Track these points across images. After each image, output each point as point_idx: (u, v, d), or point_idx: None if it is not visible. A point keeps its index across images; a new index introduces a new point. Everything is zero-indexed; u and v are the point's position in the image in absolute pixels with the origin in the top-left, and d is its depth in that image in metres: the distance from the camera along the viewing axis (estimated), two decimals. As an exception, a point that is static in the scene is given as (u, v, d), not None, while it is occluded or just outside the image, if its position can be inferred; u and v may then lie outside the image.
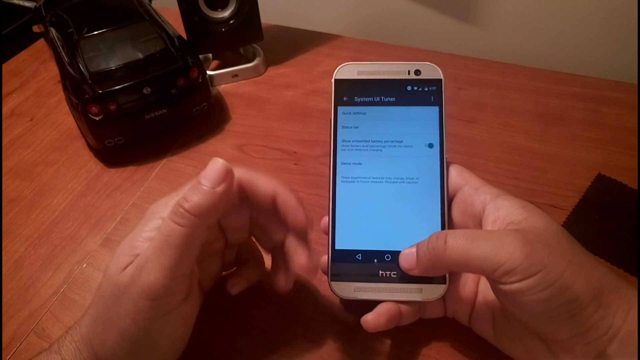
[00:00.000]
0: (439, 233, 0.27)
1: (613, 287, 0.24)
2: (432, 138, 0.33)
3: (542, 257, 0.24)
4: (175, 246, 0.25)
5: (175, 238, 0.25)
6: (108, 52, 0.47)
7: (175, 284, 0.26)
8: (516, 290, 0.24)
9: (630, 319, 0.24)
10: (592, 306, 0.24)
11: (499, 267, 0.24)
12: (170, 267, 0.25)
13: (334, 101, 0.34)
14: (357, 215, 0.32)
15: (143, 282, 0.25)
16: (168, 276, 0.25)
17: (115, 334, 0.26)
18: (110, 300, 0.26)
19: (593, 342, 0.24)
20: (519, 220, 0.27)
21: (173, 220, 0.26)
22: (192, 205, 0.26)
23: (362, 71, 0.34)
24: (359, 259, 0.31)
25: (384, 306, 0.30)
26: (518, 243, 0.24)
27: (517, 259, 0.24)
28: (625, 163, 0.43)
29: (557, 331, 0.25)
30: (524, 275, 0.24)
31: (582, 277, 0.24)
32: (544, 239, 0.25)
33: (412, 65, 0.34)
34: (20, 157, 0.50)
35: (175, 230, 0.25)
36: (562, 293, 0.24)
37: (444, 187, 0.32)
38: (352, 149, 0.33)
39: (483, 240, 0.25)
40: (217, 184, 0.26)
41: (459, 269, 0.28)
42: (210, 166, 0.27)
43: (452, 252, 0.26)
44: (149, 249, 0.26)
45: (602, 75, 0.52)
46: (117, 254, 0.27)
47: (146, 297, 0.25)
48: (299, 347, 0.33)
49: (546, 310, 0.24)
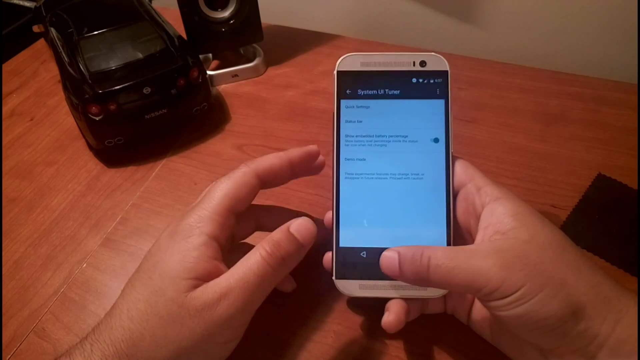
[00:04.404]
0: (423, 252, 0.27)
1: (602, 299, 0.24)
2: (438, 132, 0.32)
3: (519, 278, 0.24)
4: (262, 285, 0.27)
5: (264, 277, 0.27)
6: (108, 52, 0.47)
7: (248, 317, 0.28)
8: (494, 307, 0.25)
9: (619, 328, 0.24)
10: (572, 321, 0.24)
11: (479, 290, 0.25)
12: (252, 302, 0.27)
13: (337, 94, 0.33)
14: (361, 212, 0.32)
15: (222, 313, 0.26)
16: (247, 310, 0.27)
17: (169, 353, 0.26)
18: (170, 320, 0.26)
19: (581, 350, 0.24)
20: (505, 230, 0.27)
21: (265, 258, 0.27)
22: (286, 252, 0.28)
23: (365, 62, 0.33)
24: (364, 256, 0.31)
25: (397, 304, 0.30)
26: (497, 269, 0.25)
27: (495, 284, 0.25)
28: (625, 163, 0.43)
29: (542, 342, 0.26)
30: (502, 295, 0.25)
31: (561, 294, 0.24)
32: (525, 256, 0.25)
33: (417, 56, 0.32)
34: (20, 157, 0.50)
35: (267, 272, 0.27)
36: (538, 310, 0.24)
37: (450, 183, 0.31)
38: (355, 145, 0.32)
39: (464, 263, 0.26)
40: (308, 243, 0.29)
41: (443, 288, 0.29)
42: (301, 223, 0.30)
43: (435, 275, 0.26)
44: (233, 281, 0.27)
45: (602, 75, 0.52)
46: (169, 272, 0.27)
47: (220, 325, 0.26)
48: (299, 347, 0.33)
49: (524, 324, 0.25)
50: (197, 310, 0.26)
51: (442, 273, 0.26)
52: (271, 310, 0.35)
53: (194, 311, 0.26)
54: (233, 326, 0.27)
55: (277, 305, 0.36)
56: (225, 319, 0.26)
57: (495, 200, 0.29)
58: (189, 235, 0.28)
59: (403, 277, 0.28)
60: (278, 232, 0.29)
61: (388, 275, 0.28)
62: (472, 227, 0.30)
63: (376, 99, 0.33)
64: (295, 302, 0.36)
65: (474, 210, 0.30)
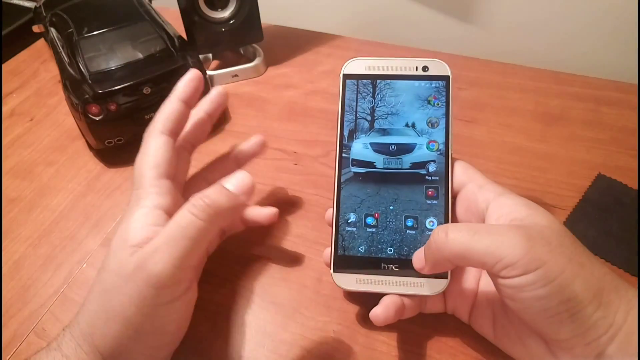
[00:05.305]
0: (441, 226, 0.27)
1: (613, 287, 0.24)
2: (438, 135, 0.33)
3: (543, 253, 0.24)
4: (190, 238, 0.27)
5: (192, 230, 0.27)
6: (108, 52, 0.47)
7: (183, 273, 0.27)
8: (515, 286, 0.24)
9: (630, 319, 0.24)
10: (592, 305, 0.24)
11: (499, 261, 0.24)
12: (180, 257, 0.26)
13: (342, 97, 0.34)
14: (361, 210, 0.32)
15: (150, 270, 0.26)
16: (177, 265, 0.26)
17: (118, 324, 0.27)
18: (113, 291, 0.27)
19: (593, 342, 0.24)
20: (522, 217, 0.27)
21: (192, 212, 0.27)
22: (214, 203, 0.27)
23: (370, 66, 0.34)
24: (362, 251, 0.32)
25: (390, 298, 0.30)
26: (520, 238, 0.24)
27: (518, 254, 0.24)
28: (625, 163, 0.43)
29: (557, 331, 0.25)
30: (523, 271, 0.24)
31: (582, 275, 0.24)
32: (546, 237, 0.25)
33: (420, 62, 0.34)
34: (20, 157, 0.50)
35: (193, 223, 0.27)
36: (562, 291, 0.24)
37: (449, 184, 0.32)
38: (358, 145, 0.33)
39: (485, 234, 0.25)
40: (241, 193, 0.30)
41: (460, 262, 0.28)
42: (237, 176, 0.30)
43: (454, 244, 0.26)
44: (161, 238, 0.27)
45: (602, 75, 0.52)
46: (115, 249, 0.28)
47: (152, 285, 0.26)
48: (299, 347, 0.33)
49: (545, 308, 0.24)
50: (130, 274, 0.26)
51: (460, 243, 0.26)
52: (271, 310, 0.35)
53: (128, 276, 0.26)
54: (168, 284, 0.27)
55: (277, 306, 0.36)
56: (156, 276, 0.26)
57: (500, 195, 0.29)
58: (132, 213, 0.30)
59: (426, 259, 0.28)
60: (210, 187, 0.29)
61: (417, 270, 0.29)
62: None
63: (379, 100, 0.34)
64: (295, 302, 0.36)
65: (476, 208, 0.30)
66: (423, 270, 0.29)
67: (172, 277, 0.26)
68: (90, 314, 0.28)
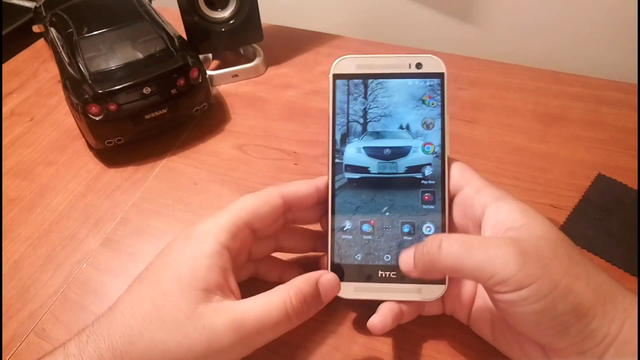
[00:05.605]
0: (435, 236, 0.27)
1: (610, 297, 0.24)
2: (434, 137, 0.32)
3: (537, 268, 0.24)
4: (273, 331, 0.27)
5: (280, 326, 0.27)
6: (108, 52, 0.47)
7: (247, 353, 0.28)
8: (509, 300, 0.24)
9: (626, 328, 0.24)
10: (587, 317, 0.24)
11: (492, 277, 0.24)
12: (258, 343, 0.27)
13: (332, 97, 0.33)
14: (356, 216, 0.32)
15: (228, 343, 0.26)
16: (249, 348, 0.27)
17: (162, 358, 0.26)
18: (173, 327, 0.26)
19: (589, 351, 0.24)
20: (517, 227, 0.26)
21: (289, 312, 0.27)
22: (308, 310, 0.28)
23: (361, 65, 0.33)
24: (359, 259, 0.31)
25: (387, 306, 0.30)
26: (513, 253, 0.24)
27: (511, 270, 0.24)
28: (625, 163, 0.43)
29: (551, 341, 0.25)
30: (517, 286, 0.24)
31: (577, 289, 0.24)
32: (541, 250, 0.25)
33: (413, 58, 0.32)
34: (20, 157, 0.50)
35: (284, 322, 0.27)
36: (556, 306, 0.23)
37: (445, 187, 0.31)
38: (351, 147, 0.33)
39: (478, 248, 0.25)
40: (327, 302, 0.29)
41: (453, 274, 0.28)
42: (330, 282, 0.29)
43: (446, 258, 0.26)
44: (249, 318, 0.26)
45: (602, 75, 0.52)
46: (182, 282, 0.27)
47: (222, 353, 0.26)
48: (299, 347, 0.33)
49: (539, 322, 0.24)
50: (203, 328, 0.26)
51: (453, 257, 0.25)
52: (271, 310, 0.35)
53: (200, 328, 0.26)
54: (229, 357, 0.27)
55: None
56: (226, 348, 0.26)
57: (498, 199, 0.29)
58: (203, 241, 0.28)
59: (416, 267, 0.28)
60: (307, 285, 0.28)
61: (403, 272, 0.29)
62: (470, 231, 0.30)
63: (372, 101, 0.33)
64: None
65: (473, 213, 0.30)
66: (410, 274, 0.29)
67: (238, 354, 0.27)
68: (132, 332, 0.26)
